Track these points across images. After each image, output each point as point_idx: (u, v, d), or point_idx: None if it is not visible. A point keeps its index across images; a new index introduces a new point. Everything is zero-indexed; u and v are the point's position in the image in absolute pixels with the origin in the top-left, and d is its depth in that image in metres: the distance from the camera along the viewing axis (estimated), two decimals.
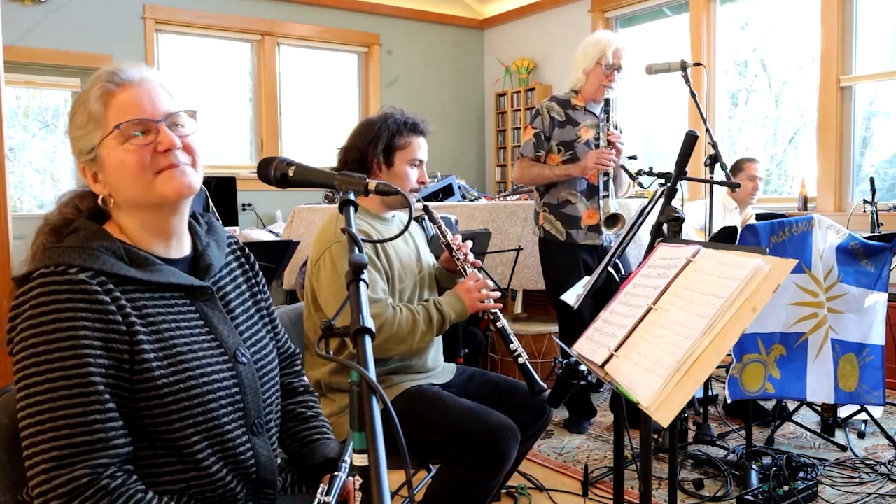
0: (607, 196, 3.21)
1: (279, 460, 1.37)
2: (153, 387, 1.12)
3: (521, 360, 1.99)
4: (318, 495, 1.20)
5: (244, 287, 1.36)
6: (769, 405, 3.46)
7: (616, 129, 3.43)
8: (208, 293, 1.25)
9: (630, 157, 3.52)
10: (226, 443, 1.20)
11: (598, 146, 3.29)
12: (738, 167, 4.10)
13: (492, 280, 2.10)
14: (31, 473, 1.05)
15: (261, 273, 1.41)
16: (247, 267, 1.39)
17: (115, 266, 1.12)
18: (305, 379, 1.52)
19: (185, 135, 1.18)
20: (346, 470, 1.23)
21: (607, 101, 3.31)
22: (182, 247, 1.26)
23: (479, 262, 2.14)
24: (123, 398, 1.11)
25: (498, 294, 2.08)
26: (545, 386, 1.97)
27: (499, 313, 2.05)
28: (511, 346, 2.01)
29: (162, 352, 1.14)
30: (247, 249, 1.41)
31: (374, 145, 2.01)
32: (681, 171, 1.94)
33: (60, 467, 1.04)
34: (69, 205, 1.21)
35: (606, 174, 3.24)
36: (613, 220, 3.16)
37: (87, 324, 1.07)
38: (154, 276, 1.16)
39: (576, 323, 3.03)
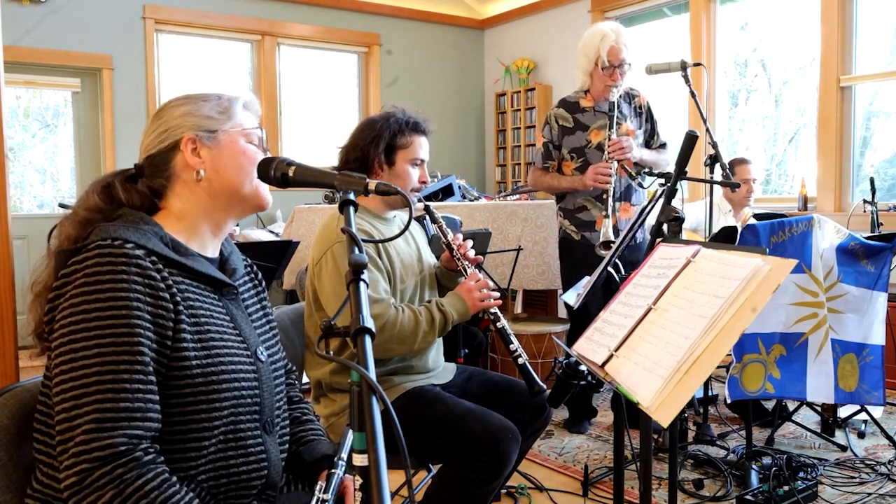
0: (608, 216, 3.07)
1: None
2: (187, 366, 1.15)
3: (520, 360, 1.99)
4: (317, 493, 1.21)
5: (256, 300, 1.42)
6: (769, 405, 3.46)
7: (640, 113, 3.38)
8: (234, 292, 1.31)
9: (660, 146, 3.46)
10: (242, 434, 1.22)
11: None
12: (730, 171, 4.04)
13: (492, 280, 2.10)
14: (70, 436, 1.06)
15: (264, 283, 1.48)
16: (256, 282, 1.45)
17: (164, 250, 1.19)
18: (299, 389, 1.57)
19: None
20: (343, 467, 1.24)
21: (611, 106, 3.19)
22: (215, 250, 1.34)
23: (480, 258, 2.14)
24: (161, 374, 1.14)
25: (498, 294, 2.08)
26: (544, 387, 1.97)
27: (499, 313, 2.05)
28: (511, 346, 2.01)
29: (197, 335, 1.18)
30: (255, 267, 1.48)
31: (376, 144, 2.01)
32: (681, 171, 1.94)
33: (101, 430, 1.05)
34: (101, 193, 1.25)
35: (606, 192, 3.11)
36: (610, 245, 3.08)
37: (141, 296, 1.11)
38: (195, 264, 1.23)
39: (588, 321, 3.01)
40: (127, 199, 1.25)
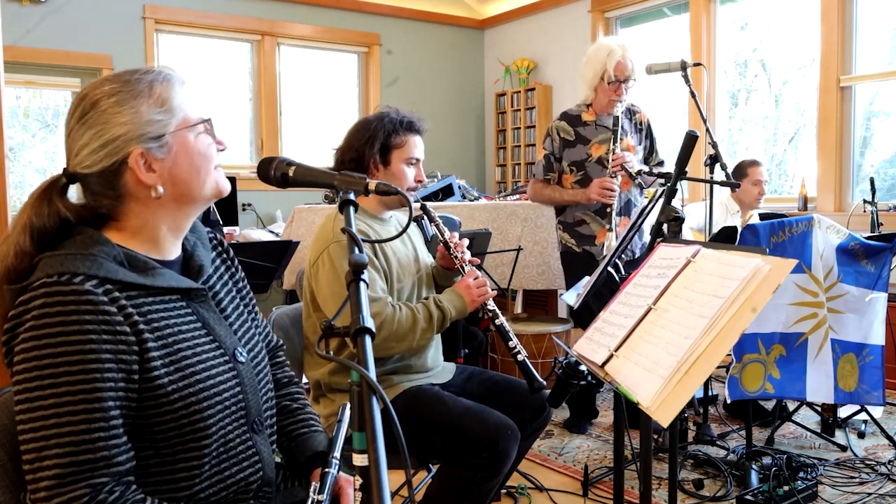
0: (611, 230, 3.12)
1: (277, 459, 1.37)
2: (163, 394, 1.11)
3: (520, 357, 1.99)
4: (312, 494, 1.20)
5: (230, 284, 1.35)
6: (769, 405, 3.46)
7: (640, 129, 3.39)
8: (203, 295, 1.24)
9: (658, 164, 3.46)
10: (232, 441, 1.20)
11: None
12: (741, 172, 4.00)
13: (491, 279, 2.10)
14: (34, 488, 1.04)
15: (236, 260, 1.40)
16: (227, 259, 1.38)
17: (119, 272, 1.10)
18: (289, 369, 1.52)
19: None
20: (336, 465, 1.23)
21: (615, 120, 3.18)
22: (176, 249, 1.25)
23: (477, 259, 2.14)
24: (131, 409, 1.09)
25: (495, 293, 2.08)
26: (544, 383, 1.98)
27: (497, 311, 2.05)
28: (510, 343, 2.01)
29: (168, 357, 1.13)
30: (225, 243, 1.40)
31: (371, 145, 2.01)
32: (681, 171, 1.94)
33: (62, 485, 1.02)
34: (42, 213, 1.12)
35: (609, 206, 3.14)
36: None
37: (94, 336, 1.04)
38: (156, 280, 1.15)
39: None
40: (75, 216, 1.14)
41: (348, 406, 1.16)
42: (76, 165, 1.14)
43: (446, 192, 4.89)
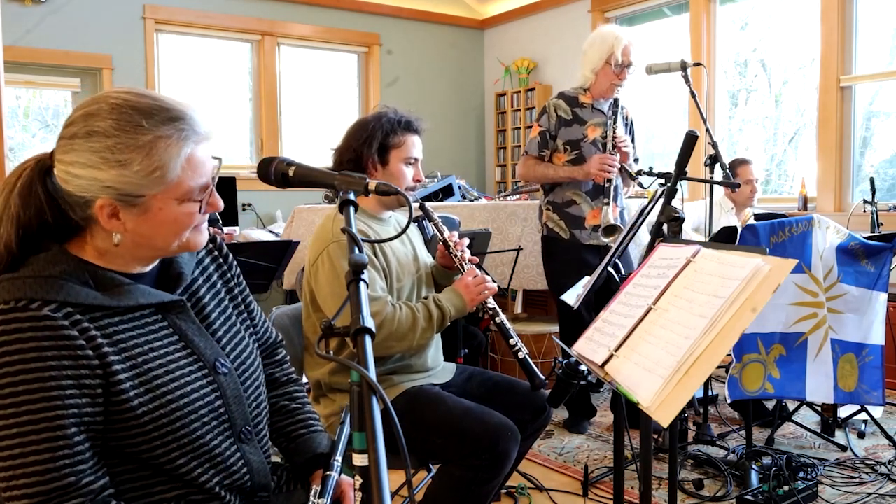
0: (608, 203, 3.15)
1: (277, 459, 1.36)
2: (133, 416, 1.09)
3: (521, 354, 1.99)
4: (312, 497, 1.18)
5: (220, 285, 1.31)
6: (769, 405, 3.46)
7: (626, 123, 3.41)
8: (180, 306, 1.20)
9: (634, 160, 3.50)
10: (214, 456, 1.18)
11: (604, 146, 3.26)
12: (731, 173, 4.00)
13: (490, 278, 2.10)
14: None
15: (230, 256, 1.35)
16: (216, 255, 1.33)
17: (81, 294, 1.07)
18: (288, 367, 1.49)
19: None
20: (338, 468, 1.21)
21: (615, 102, 3.25)
22: (153, 263, 1.21)
23: (476, 259, 2.14)
24: (98, 432, 1.08)
25: (496, 286, 2.07)
26: (545, 380, 1.98)
27: (497, 309, 2.05)
28: (511, 340, 2.01)
29: (138, 378, 1.10)
30: (218, 239, 1.35)
31: (369, 145, 2.01)
32: (681, 171, 1.94)
33: None
34: (34, 204, 1.10)
35: (609, 180, 3.18)
36: (612, 229, 3.12)
37: (54, 363, 1.02)
38: (123, 299, 1.11)
39: (577, 322, 3.02)
40: (53, 216, 1.10)
41: None
42: (57, 167, 1.10)
43: (446, 192, 4.89)
